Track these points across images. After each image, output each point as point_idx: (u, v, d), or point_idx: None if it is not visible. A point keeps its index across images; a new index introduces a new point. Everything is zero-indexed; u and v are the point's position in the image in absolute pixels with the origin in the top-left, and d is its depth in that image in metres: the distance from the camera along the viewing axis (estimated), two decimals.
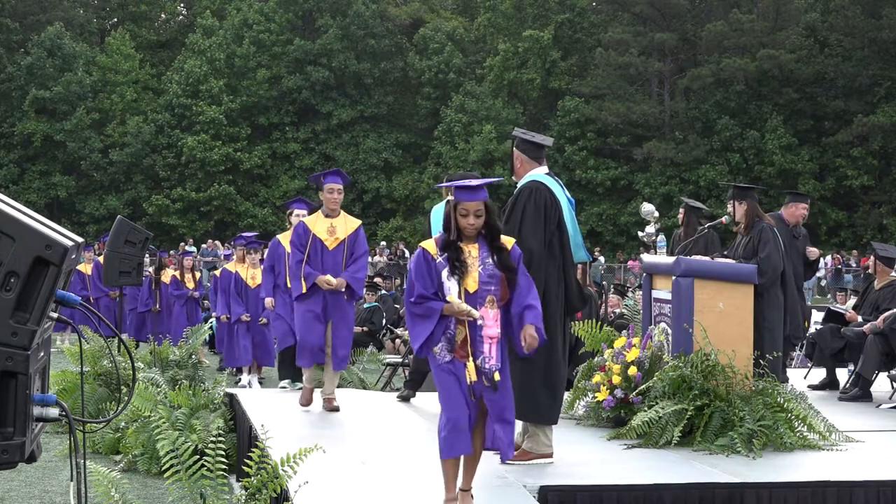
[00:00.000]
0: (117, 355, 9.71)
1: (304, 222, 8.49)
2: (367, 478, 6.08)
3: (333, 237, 8.39)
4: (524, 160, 6.59)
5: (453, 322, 5.00)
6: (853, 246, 41.05)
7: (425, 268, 5.03)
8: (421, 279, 5.01)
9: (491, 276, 5.00)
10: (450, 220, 5.04)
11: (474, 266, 5.00)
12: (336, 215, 8.52)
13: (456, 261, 4.97)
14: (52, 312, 2.93)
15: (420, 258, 5.06)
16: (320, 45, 47.08)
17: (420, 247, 5.12)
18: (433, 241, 5.11)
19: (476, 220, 5.02)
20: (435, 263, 5.02)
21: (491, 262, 5.02)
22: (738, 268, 7.57)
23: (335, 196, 8.48)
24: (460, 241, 5.04)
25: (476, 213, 5.02)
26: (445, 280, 4.97)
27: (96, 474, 4.92)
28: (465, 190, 5.07)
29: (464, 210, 5.02)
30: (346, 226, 8.51)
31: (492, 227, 5.08)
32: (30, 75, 46.02)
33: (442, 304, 4.96)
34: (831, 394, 9.56)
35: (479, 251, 5.04)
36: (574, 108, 45.58)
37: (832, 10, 45.19)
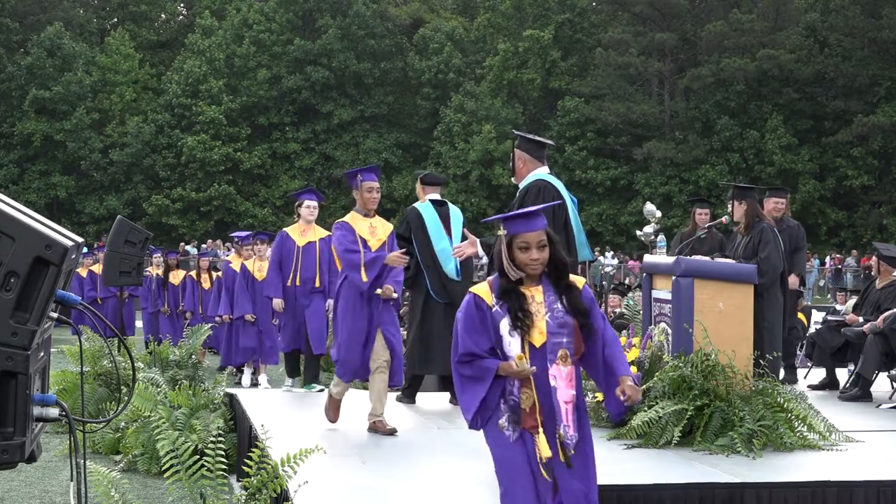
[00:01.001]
0: (117, 355, 9.71)
1: (347, 221, 7.70)
2: (367, 478, 6.08)
3: (376, 238, 7.71)
4: (527, 160, 6.60)
5: (516, 385, 4.09)
6: (853, 246, 41.07)
7: (478, 319, 4.10)
8: (472, 333, 4.10)
9: (562, 325, 4.11)
10: (504, 259, 4.12)
11: (540, 314, 4.09)
12: (373, 216, 7.87)
13: (518, 310, 4.06)
14: (52, 312, 2.93)
15: (471, 307, 4.13)
16: (320, 45, 47.09)
17: (471, 293, 4.18)
18: (486, 285, 4.19)
19: (540, 253, 4.09)
20: (491, 314, 4.10)
21: (560, 307, 4.12)
22: (738, 268, 7.57)
23: (375, 195, 7.76)
24: (521, 285, 4.12)
25: (539, 244, 4.09)
26: (505, 334, 4.07)
27: (96, 474, 4.92)
28: (521, 219, 4.15)
29: (523, 243, 4.08)
30: (383, 227, 7.88)
31: (557, 263, 4.16)
32: (30, 75, 46.04)
33: (496, 361, 4.06)
34: (831, 394, 9.55)
35: (544, 294, 4.13)
36: (574, 108, 45.59)
37: (832, 10, 45.20)
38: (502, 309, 4.10)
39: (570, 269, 6.46)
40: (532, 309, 4.10)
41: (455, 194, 45.80)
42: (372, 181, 7.79)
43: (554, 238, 4.16)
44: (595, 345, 4.16)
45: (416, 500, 5.66)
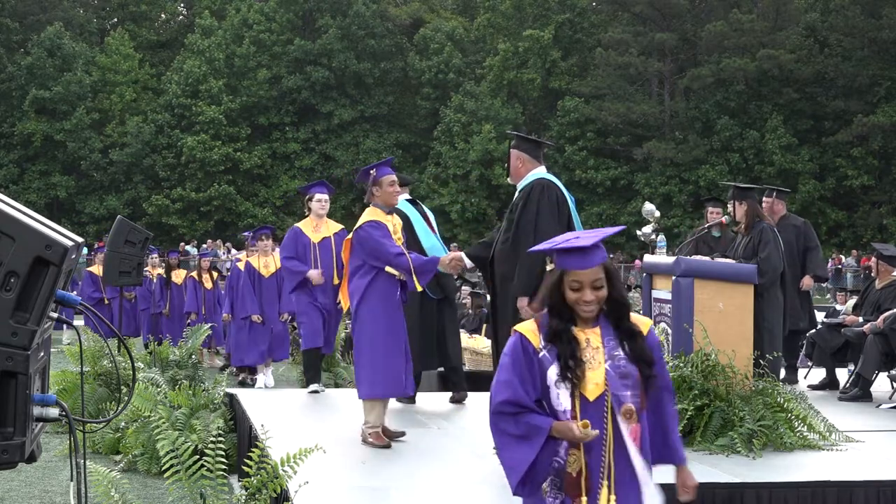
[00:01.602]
0: (117, 355, 9.71)
1: (377, 219, 7.09)
2: (367, 478, 6.08)
3: (396, 237, 7.19)
4: (525, 159, 6.60)
5: (563, 447, 3.43)
6: (853, 246, 41.08)
7: (524, 363, 3.46)
8: (516, 378, 3.45)
9: (624, 376, 3.43)
10: (555, 295, 3.48)
11: (596, 360, 3.45)
12: (392, 212, 7.37)
13: (570, 357, 3.41)
14: (52, 312, 2.93)
15: (517, 349, 3.49)
16: (320, 45, 47.10)
17: (516, 331, 3.54)
18: (534, 324, 3.53)
19: (595, 294, 3.43)
20: (538, 358, 3.45)
21: (622, 354, 3.47)
22: (738, 268, 7.57)
23: (398, 188, 7.28)
24: (574, 326, 3.47)
25: (594, 284, 3.42)
26: (553, 384, 3.42)
27: (96, 474, 4.92)
28: (574, 253, 3.45)
29: (575, 282, 3.42)
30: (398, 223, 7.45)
31: (617, 302, 3.49)
32: (30, 75, 46.06)
33: (549, 420, 3.40)
34: (831, 394, 9.55)
35: (602, 339, 3.48)
36: (574, 108, 45.60)
37: (832, 10, 45.21)
38: (551, 354, 3.44)
39: None
40: (586, 355, 3.45)
41: (455, 194, 45.81)
42: (391, 174, 7.29)
43: (613, 274, 3.49)
44: (652, 401, 3.52)
45: (415, 500, 5.65)
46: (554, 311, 3.47)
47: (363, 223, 7.06)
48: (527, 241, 6.33)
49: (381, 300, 6.89)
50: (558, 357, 3.43)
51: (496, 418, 3.50)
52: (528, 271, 6.28)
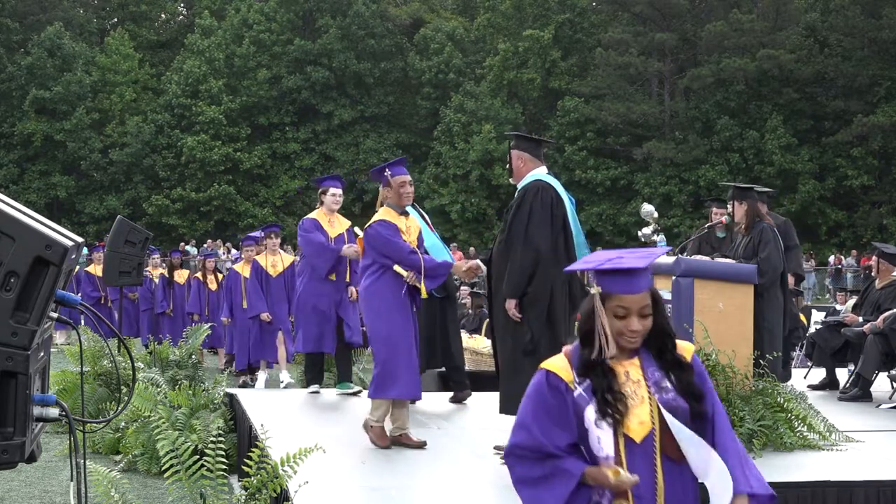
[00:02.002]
0: (117, 355, 9.71)
1: (387, 219, 6.99)
2: (367, 478, 6.08)
3: (410, 238, 7.02)
4: (526, 159, 6.60)
5: (607, 496, 3.02)
6: (853, 246, 41.07)
7: (555, 405, 3.03)
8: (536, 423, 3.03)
9: (674, 412, 3.03)
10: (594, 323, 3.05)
11: (638, 395, 3.02)
12: (406, 213, 7.21)
13: (607, 391, 3.00)
14: (52, 312, 2.93)
15: (542, 389, 3.06)
16: (320, 45, 47.10)
17: (542, 368, 3.10)
18: (563, 357, 3.11)
19: (642, 323, 3.03)
20: (572, 398, 3.02)
21: (669, 386, 3.06)
22: (738, 268, 7.57)
23: (409, 189, 7.09)
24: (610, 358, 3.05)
25: (642, 311, 3.03)
26: (593, 425, 2.99)
27: (96, 474, 4.92)
28: (621, 276, 3.04)
29: (622, 308, 3.02)
30: (414, 225, 7.22)
31: (662, 332, 3.09)
32: (30, 75, 46.06)
33: (580, 465, 3.00)
34: (831, 394, 9.55)
35: (643, 370, 3.07)
36: (574, 108, 45.59)
37: (832, 10, 45.21)
38: (587, 391, 3.01)
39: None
40: (627, 389, 3.02)
41: (455, 194, 45.80)
42: (403, 174, 7.13)
43: (660, 300, 3.10)
44: (707, 438, 3.09)
45: (415, 500, 5.66)
46: (588, 340, 3.05)
47: (373, 222, 7.01)
48: (518, 243, 6.34)
49: (388, 301, 6.81)
50: (594, 392, 3.00)
51: (511, 461, 3.10)
52: (518, 273, 6.29)
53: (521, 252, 6.30)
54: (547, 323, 6.27)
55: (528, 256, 6.27)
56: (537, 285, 6.25)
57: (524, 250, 6.29)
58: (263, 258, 12.82)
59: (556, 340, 6.25)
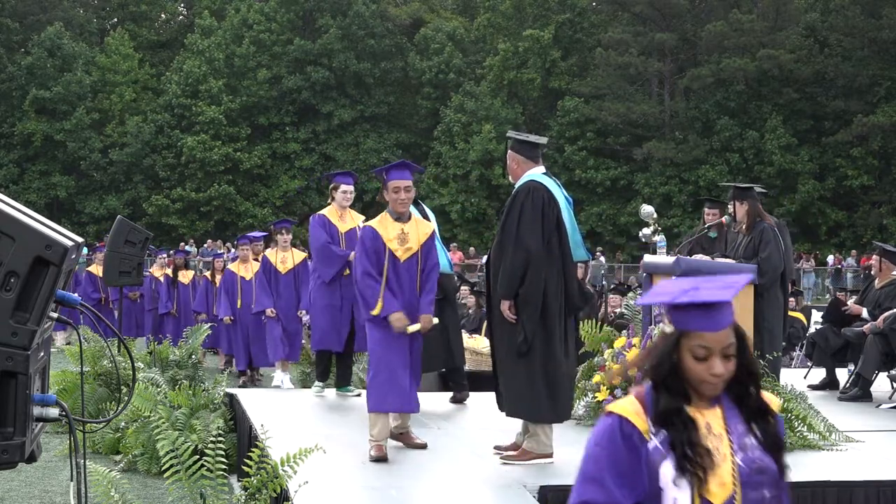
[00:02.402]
0: (117, 355, 9.71)
1: (373, 227, 6.69)
2: (367, 478, 6.08)
3: (405, 247, 6.66)
4: (520, 161, 6.59)
5: None
6: (853, 246, 41.08)
7: (626, 455, 2.64)
8: (610, 476, 2.64)
9: (760, 472, 2.68)
10: (668, 363, 2.67)
11: (721, 453, 2.63)
12: (407, 219, 6.78)
13: (689, 446, 2.60)
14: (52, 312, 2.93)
15: (613, 436, 2.67)
16: (320, 45, 47.10)
17: (612, 413, 2.71)
18: (635, 402, 2.70)
19: (725, 366, 2.63)
20: (646, 450, 2.63)
21: (754, 442, 2.68)
22: (738, 268, 7.57)
23: (403, 196, 6.72)
24: (689, 405, 2.66)
25: (726, 351, 2.64)
26: (669, 484, 2.61)
27: (96, 474, 4.92)
28: (699, 310, 2.63)
29: (701, 349, 2.62)
30: (418, 232, 6.77)
31: (748, 373, 2.70)
32: (30, 75, 46.07)
33: None
34: (831, 394, 9.55)
35: (725, 420, 2.67)
36: (574, 108, 45.60)
37: (832, 10, 45.21)
38: (664, 444, 2.61)
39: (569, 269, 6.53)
40: (709, 444, 2.61)
41: (455, 194, 45.80)
42: (398, 179, 6.73)
43: (745, 337, 2.72)
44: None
45: (415, 500, 5.66)
46: (664, 385, 2.65)
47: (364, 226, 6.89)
48: (509, 244, 6.34)
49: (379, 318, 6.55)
50: (672, 446, 2.60)
51: None
52: (509, 274, 6.29)
53: (512, 253, 6.30)
54: (541, 323, 6.26)
55: (519, 257, 6.27)
56: (529, 286, 6.25)
57: (515, 251, 6.29)
58: (273, 254, 12.23)
59: (550, 341, 6.25)
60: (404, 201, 6.73)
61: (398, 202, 6.72)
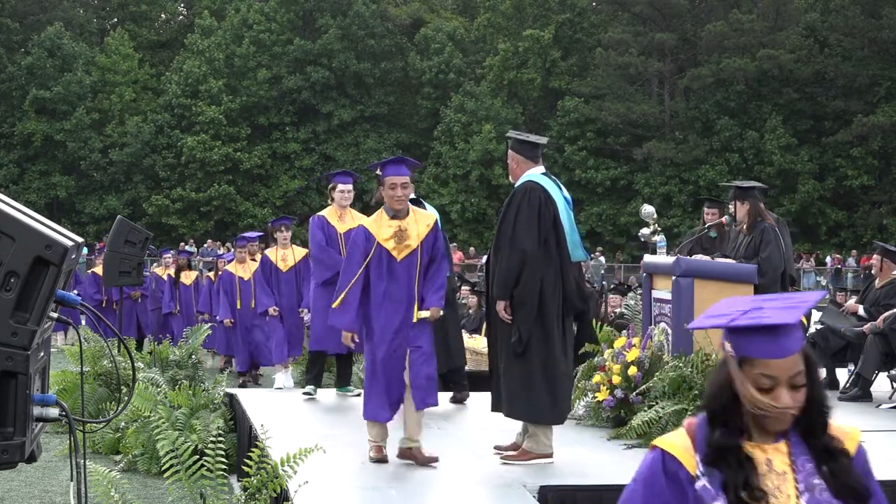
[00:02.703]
0: (117, 355, 9.71)
1: (365, 227, 6.52)
2: (367, 478, 6.08)
3: (404, 244, 6.44)
4: (519, 161, 6.60)
5: None
6: (853, 246, 41.09)
7: (667, 494, 2.38)
8: None
9: None
10: (726, 394, 2.37)
11: (784, 494, 2.33)
12: (404, 216, 6.53)
13: (744, 488, 2.31)
14: (52, 312, 2.93)
15: (656, 472, 2.41)
16: (320, 45, 47.11)
17: (657, 447, 2.43)
18: (684, 435, 2.42)
19: (793, 396, 2.35)
20: (693, 491, 2.35)
21: (822, 484, 2.35)
22: (739, 268, 7.57)
23: (399, 192, 6.47)
24: (748, 440, 2.37)
25: (794, 381, 2.35)
26: None
27: (96, 474, 4.92)
28: (762, 334, 2.33)
29: (766, 378, 2.33)
30: (418, 227, 6.52)
31: (816, 404, 2.43)
32: (30, 75, 46.07)
33: None
34: (831, 394, 9.51)
35: (790, 457, 2.36)
36: (574, 108, 45.60)
37: (832, 10, 45.22)
38: (713, 484, 2.32)
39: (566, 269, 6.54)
40: (768, 485, 2.32)
41: (455, 194, 45.81)
42: (394, 175, 6.48)
43: (814, 363, 2.42)
44: None
45: (416, 500, 5.66)
46: (720, 418, 2.35)
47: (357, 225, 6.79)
48: (505, 245, 6.34)
49: None
50: (724, 488, 2.30)
51: None
52: (504, 275, 6.29)
53: (507, 253, 6.31)
54: (538, 324, 6.26)
55: (515, 258, 6.26)
56: (524, 286, 6.24)
57: (510, 252, 6.29)
58: (273, 252, 11.82)
59: (547, 341, 6.24)
60: (401, 198, 6.46)
61: (395, 199, 6.44)
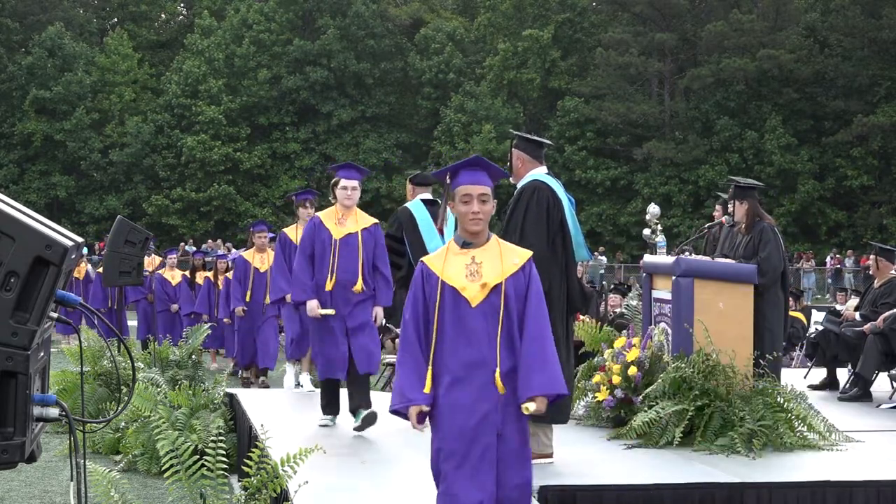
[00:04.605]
0: (117, 355, 9.71)
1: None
2: (367, 478, 6.08)
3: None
4: (525, 159, 6.60)
5: None
6: (853, 246, 41.08)
7: None
8: None
9: None
10: None
11: None
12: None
13: None
14: (52, 312, 2.93)
15: None
16: (320, 45, 47.12)
17: None
18: None
19: None
20: None
21: None
22: (738, 268, 7.57)
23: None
24: None
25: None
26: None
27: (96, 474, 4.92)
28: None
29: None
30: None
31: None
32: (30, 75, 46.08)
33: None
34: (831, 394, 9.55)
35: None
36: (574, 108, 45.61)
37: (832, 10, 45.22)
38: None
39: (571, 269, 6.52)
40: None
41: None
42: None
43: None
44: None
45: (416, 500, 5.65)
46: None
47: None
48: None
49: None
50: None
51: None
52: None
53: None
54: None
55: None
56: None
57: None
58: (293, 231, 10.39)
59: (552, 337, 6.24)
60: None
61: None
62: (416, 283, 4.28)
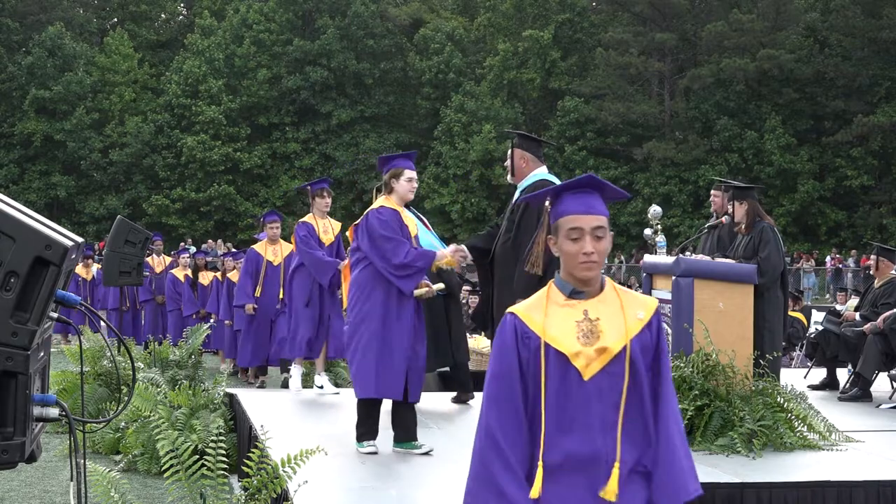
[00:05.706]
0: (117, 355, 9.71)
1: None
2: (367, 478, 6.08)
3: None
4: (529, 159, 6.61)
5: None
6: (853, 246, 41.09)
7: None
8: None
9: None
10: None
11: None
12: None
13: None
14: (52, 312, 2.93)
15: None
16: (320, 45, 47.12)
17: None
18: None
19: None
20: None
21: None
22: (738, 268, 7.57)
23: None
24: None
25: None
26: None
27: (96, 474, 4.92)
28: None
29: None
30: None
31: None
32: (30, 75, 46.07)
33: None
34: (831, 394, 9.56)
35: None
36: (574, 108, 45.61)
37: (832, 10, 45.21)
38: None
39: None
40: None
41: (455, 194, 45.81)
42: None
43: None
44: None
45: (416, 501, 5.66)
46: None
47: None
48: (527, 243, 6.34)
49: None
50: None
51: None
52: (528, 280, 6.28)
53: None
54: None
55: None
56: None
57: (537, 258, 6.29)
58: (313, 219, 9.72)
59: None
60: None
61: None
62: (505, 343, 3.02)
